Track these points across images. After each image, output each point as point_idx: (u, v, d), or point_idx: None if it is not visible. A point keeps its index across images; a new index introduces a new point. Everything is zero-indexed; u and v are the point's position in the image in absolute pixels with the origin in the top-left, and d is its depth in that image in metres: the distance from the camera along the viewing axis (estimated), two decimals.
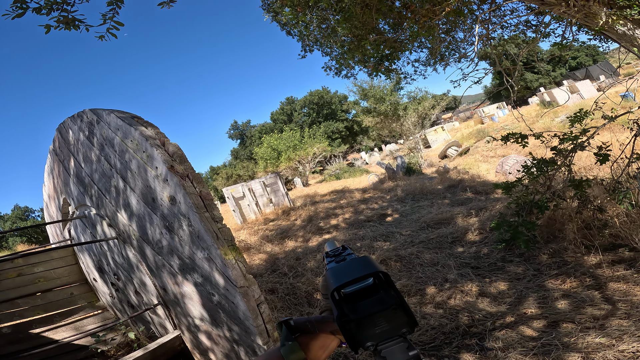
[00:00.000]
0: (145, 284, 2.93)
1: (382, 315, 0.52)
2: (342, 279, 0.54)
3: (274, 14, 6.05)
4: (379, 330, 0.51)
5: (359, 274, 0.54)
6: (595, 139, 4.16)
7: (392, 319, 0.52)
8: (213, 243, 1.90)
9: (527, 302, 3.24)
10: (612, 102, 4.82)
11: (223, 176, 33.59)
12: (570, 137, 3.57)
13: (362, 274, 0.54)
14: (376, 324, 0.51)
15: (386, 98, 20.46)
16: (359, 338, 0.52)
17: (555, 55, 4.22)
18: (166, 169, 1.91)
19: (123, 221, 2.73)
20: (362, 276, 0.53)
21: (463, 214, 6.41)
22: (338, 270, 0.58)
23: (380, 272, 0.53)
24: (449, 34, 5.81)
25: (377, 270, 0.53)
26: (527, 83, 38.00)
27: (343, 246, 0.73)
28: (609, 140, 3.72)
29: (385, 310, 0.52)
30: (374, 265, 0.55)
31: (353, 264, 0.57)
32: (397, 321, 0.52)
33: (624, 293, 2.93)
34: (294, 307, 4.27)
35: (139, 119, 2.28)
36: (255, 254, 6.96)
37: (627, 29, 3.43)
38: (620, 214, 3.62)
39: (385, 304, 0.52)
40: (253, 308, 2.06)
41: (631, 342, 2.18)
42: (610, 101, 4.66)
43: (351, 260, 0.61)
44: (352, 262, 0.59)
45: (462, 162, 14.23)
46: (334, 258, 0.68)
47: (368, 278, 0.55)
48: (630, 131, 3.64)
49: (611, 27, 3.43)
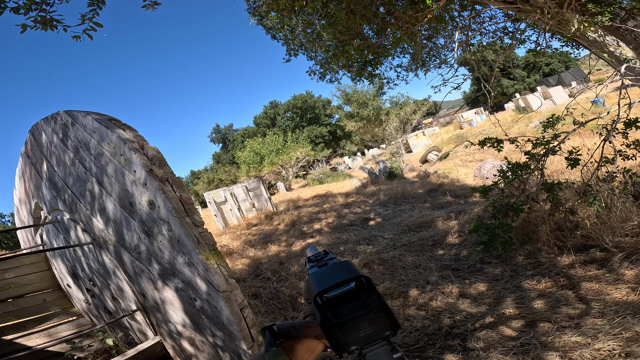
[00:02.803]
0: (123, 289, 2.84)
1: (364, 318, 0.52)
2: (324, 283, 0.54)
3: (260, 18, 6.05)
4: (362, 334, 0.52)
5: (341, 278, 0.54)
6: (567, 143, 4.34)
7: (375, 322, 0.52)
8: (194, 248, 1.87)
9: (505, 302, 3.32)
10: (582, 108, 5.06)
11: (204, 180, 33.06)
12: (542, 142, 3.72)
13: (343, 278, 0.54)
14: (359, 327, 0.52)
15: (369, 103, 20.74)
16: (343, 342, 0.52)
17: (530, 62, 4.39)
18: (145, 173, 1.86)
19: (98, 226, 2.64)
20: (343, 280, 0.54)
21: (443, 217, 6.54)
22: (320, 275, 0.58)
23: (362, 276, 0.54)
24: (430, 40, 5.96)
25: (358, 275, 0.54)
26: (503, 89, 39.32)
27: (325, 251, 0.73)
28: (579, 145, 3.90)
29: (367, 313, 0.52)
30: (355, 269, 0.55)
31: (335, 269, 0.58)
32: (380, 324, 0.52)
33: (596, 292, 3.04)
34: (278, 311, 4.23)
35: (116, 121, 2.22)
36: (238, 259, 6.87)
37: (597, 35, 3.61)
38: (590, 216, 3.77)
39: (368, 308, 0.52)
40: (236, 313, 2.04)
41: (607, 341, 2.25)
42: (580, 107, 4.89)
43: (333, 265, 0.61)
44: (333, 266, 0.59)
45: (442, 167, 14.54)
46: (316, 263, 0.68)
47: (350, 282, 0.55)
48: (599, 136, 3.82)
49: (583, 33, 3.59)
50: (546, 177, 4.05)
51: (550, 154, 3.72)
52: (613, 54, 3.59)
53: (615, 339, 2.25)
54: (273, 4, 4.77)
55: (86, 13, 2.76)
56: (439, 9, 3.41)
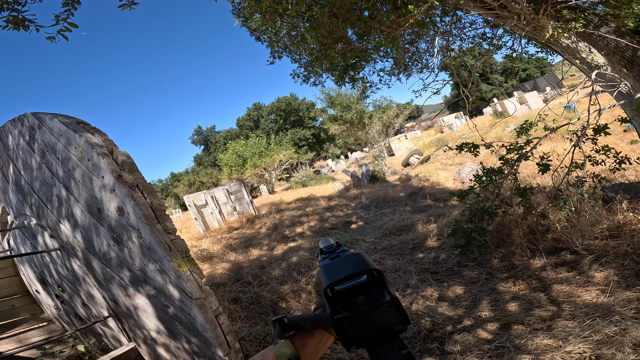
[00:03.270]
0: (94, 296, 2.76)
1: (375, 313, 0.51)
2: (334, 276, 0.53)
3: (244, 20, 6.00)
4: (371, 328, 0.51)
5: (352, 271, 0.53)
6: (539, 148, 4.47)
7: (385, 317, 0.51)
8: (165, 255, 1.82)
9: (481, 305, 3.38)
10: (554, 114, 5.25)
11: (185, 183, 32.47)
12: (515, 147, 3.83)
13: (355, 271, 0.53)
14: (369, 321, 0.51)
15: (352, 106, 20.89)
16: (352, 336, 0.51)
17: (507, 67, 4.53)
18: (114, 178, 1.80)
19: (66, 232, 2.54)
20: (355, 273, 0.52)
21: (423, 220, 6.63)
22: (331, 268, 0.56)
23: (374, 269, 0.53)
24: (412, 44, 6.05)
25: (370, 268, 0.53)
26: (482, 94, 40.43)
27: (337, 243, 0.72)
28: (551, 150, 4.02)
29: (378, 308, 0.51)
30: (367, 262, 0.54)
31: (346, 261, 0.57)
32: (390, 319, 0.51)
33: (567, 294, 3.13)
34: (259, 316, 4.18)
35: (85, 124, 2.14)
36: (219, 263, 6.76)
37: (570, 41, 3.74)
38: (561, 220, 3.90)
39: (378, 302, 0.51)
40: (211, 320, 2.00)
41: (577, 344, 2.30)
42: (552, 113, 5.07)
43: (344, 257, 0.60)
44: (345, 259, 0.58)
45: (423, 170, 14.79)
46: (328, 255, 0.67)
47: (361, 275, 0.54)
48: (570, 142, 3.97)
49: (556, 40, 3.72)
50: (519, 182, 4.17)
51: (523, 159, 3.84)
52: (585, 60, 3.73)
53: (586, 341, 2.30)
54: (256, 7, 4.74)
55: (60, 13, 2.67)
56: (421, 13, 3.47)
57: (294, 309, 4.15)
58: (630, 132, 10.11)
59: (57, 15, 2.66)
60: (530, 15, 3.51)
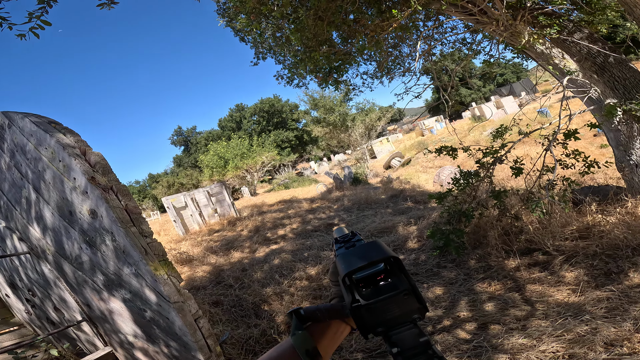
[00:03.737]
0: (66, 300, 2.67)
1: (393, 300, 0.51)
2: (352, 264, 0.53)
3: (229, 20, 5.94)
4: (390, 316, 0.51)
5: (370, 259, 0.52)
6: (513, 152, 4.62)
7: (404, 305, 0.51)
8: (141, 258, 1.77)
9: (460, 305, 3.46)
10: (528, 119, 5.44)
11: (164, 184, 31.72)
12: (491, 151, 3.95)
13: (373, 259, 0.52)
14: (387, 309, 0.51)
15: (336, 109, 21.02)
16: (370, 324, 0.51)
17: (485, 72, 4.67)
18: (86, 180, 1.74)
19: (36, 235, 2.44)
20: (373, 261, 0.52)
21: (404, 222, 6.73)
22: (349, 256, 0.56)
23: (392, 256, 0.52)
24: (395, 48, 6.14)
25: (388, 255, 0.52)
26: (461, 98, 41.39)
27: (352, 232, 0.72)
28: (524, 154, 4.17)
29: (396, 295, 0.51)
30: (384, 250, 0.54)
31: (363, 249, 0.56)
32: (408, 307, 0.51)
33: (540, 294, 3.23)
34: (241, 319, 4.12)
35: (57, 124, 2.07)
36: (199, 266, 6.64)
37: (545, 47, 3.88)
38: (533, 222, 4.04)
39: (397, 289, 0.51)
40: (190, 323, 1.97)
41: (550, 343, 2.37)
42: (526, 117, 5.26)
43: (362, 245, 0.60)
44: (362, 247, 0.58)
45: (405, 173, 15.02)
46: (343, 244, 0.67)
47: (379, 263, 0.54)
48: (542, 146, 4.12)
49: (532, 46, 3.85)
50: (494, 185, 4.30)
51: (498, 162, 3.96)
52: (557, 66, 3.88)
53: (558, 340, 2.37)
54: (240, 7, 4.70)
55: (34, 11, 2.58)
56: (404, 18, 3.53)
57: (276, 311, 4.13)
58: (600, 136, 10.60)
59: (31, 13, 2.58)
60: (508, 21, 3.63)
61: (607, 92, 3.79)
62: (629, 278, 2.98)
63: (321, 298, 4.30)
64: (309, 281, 4.83)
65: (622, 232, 3.44)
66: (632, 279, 2.96)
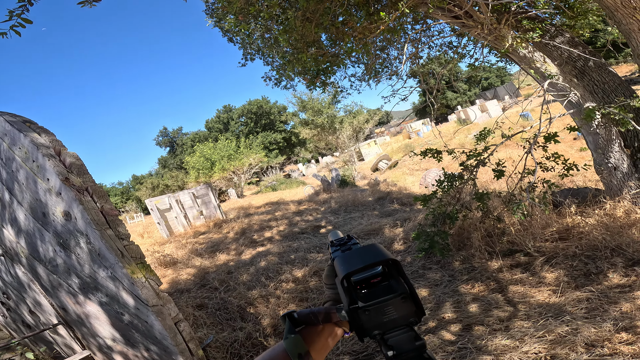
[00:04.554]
0: (41, 303, 2.59)
1: (390, 303, 0.51)
2: (352, 266, 0.53)
3: (217, 20, 5.88)
4: (386, 319, 0.51)
5: (368, 261, 0.52)
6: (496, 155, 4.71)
7: (401, 308, 0.51)
8: (117, 261, 1.72)
9: (444, 307, 3.48)
10: (511, 122, 5.55)
11: (148, 186, 31.13)
12: (474, 154, 4.01)
13: (371, 261, 0.52)
14: (384, 312, 0.51)
15: (324, 111, 21.03)
16: (367, 326, 0.51)
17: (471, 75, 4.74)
18: (60, 181, 1.68)
19: (9, 237, 2.35)
20: (372, 263, 0.52)
21: (390, 224, 6.77)
22: (346, 258, 0.56)
23: (390, 259, 0.52)
24: (383, 51, 6.18)
25: (386, 258, 0.52)
26: (448, 101, 42.02)
27: (348, 235, 0.72)
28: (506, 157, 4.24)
29: (394, 298, 0.51)
30: (383, 252, 0.54)
31: (362, 251, 0.56)
32: (405, 310, 0.51)
33: (522, 295, 3.28)
34: (226, 322, 4.05)
35: (32, 124, 1.99)
36: (183, 269, 6.52)
37: (527, 51, 3.96)
38: (515, 223, 4.11)
39: (395, 292, 0.51)
40: (170, 327, 1.93)
41: (532, 344, 2.39)
42: (509, 121, 5.37)
43: (360, 248, 0.60)
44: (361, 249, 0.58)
45: (392, 175, 15.14)
46: (339, 247, 0.67)
47: (378, 266, 0.54)
48: (523, 149, 4.20)
49: (515, 49, 3.92)
50: (478, 187, 4.36)
51: (481, 165, 4.02)
52: (539, 70, 3.96)
53: (540, 341, 2.40)
54: (228, 7, 4.65)
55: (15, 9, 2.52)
56: (392, 20, 3.55)
57: (262, 314, 4.07)
58: (580, 139, 10.90)
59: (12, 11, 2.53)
60: (492, 25, 3.69)
61: (587, 95, 3.88)
62: (608, 278, 3.06)
63: (307, 300, 4.27)
64: (295, 283, 4.80)
65: (601, 233, 3.53)
66: (611, 279, 3.04)
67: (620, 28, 3.42)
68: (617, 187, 3.94)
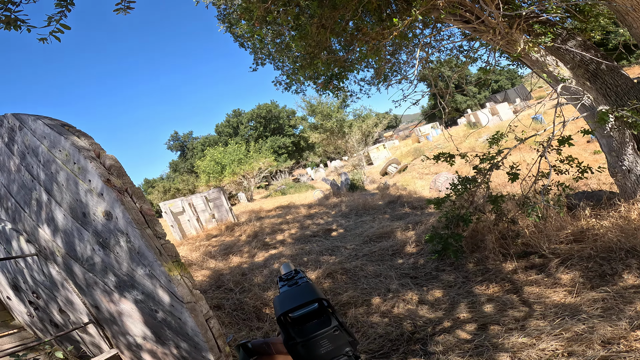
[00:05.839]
0: (73, 302, 2.68)
1: (326, 336, 0.56)
2: (285, 305, 0.60)
3: (229, 25, 6.03)
4: (324, 351, 0.56)
5: (302, 300, 0.59)
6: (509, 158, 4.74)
7: (335, 340, 0.57)
8: (156, 259, 1.82)
9: (459, 307, 3.52)
10: (523, 125, 5.57)
11: (160, 190, 31.53)
12: (488, 157, 4.06)
13: (304, 300, 0.59)
14: (321, 345, 0.56)
15: (333, 115, 21.13)
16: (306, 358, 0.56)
17: (480, 78, 4.78)
18: (102, 182, 1.80)
19: (45, 237, 2.48)
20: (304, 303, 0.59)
21: (402, 228, 6.81)
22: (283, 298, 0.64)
23: (322, 298, 0.60)
24: (393, 55, 6.26)
25: (318, 297, 0.60)
26: (457, 105, 41.69)
27: (296, 270, 0.77)
28: (520, 160, 4.27)
29: (327, 332, 0.57)
30: (316, 292, 0.61)
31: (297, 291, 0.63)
32: (340, 341, 0.57)
33: (537, 296, 3.31)
34: (242, 322, 4.15)
35: (69, 127, 2.12)
36: (198, 270, 6.64)
37: (540, 55, 3.99)
38: (529, 225, 4.14)
39: (327, 326, 0.57)
40: (202, 323, 2.01)
41: (549, 341, 2.42)
42: (522, 124, 5.39)
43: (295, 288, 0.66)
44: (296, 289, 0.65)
45: (401, 179, 15.14)
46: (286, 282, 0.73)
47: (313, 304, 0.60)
48: (537, 152, 4.23)
49: (527, 54, 3.96)
50: (491, 190, 4.40)
51: (495, 168, 4.07)
52: (551, 73, 3.99)
53: (557, 339, 2.43)
54: (245, 14, 4.79)
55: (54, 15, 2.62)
56: (404, 26, 3.63)
57: None
58: (593, 142, 10.78)
59: (50, 17, 2.61)
60: (504, 30, 3.75)
61: (600, 98, 3.91)
62: (623, 279, 3.07)
63: None
64: None
65: (616, 235, 3.54)
66: (626, 280, 3.05)
67: (632, 31, 3.46)
68: (631, 190, 3.94)
